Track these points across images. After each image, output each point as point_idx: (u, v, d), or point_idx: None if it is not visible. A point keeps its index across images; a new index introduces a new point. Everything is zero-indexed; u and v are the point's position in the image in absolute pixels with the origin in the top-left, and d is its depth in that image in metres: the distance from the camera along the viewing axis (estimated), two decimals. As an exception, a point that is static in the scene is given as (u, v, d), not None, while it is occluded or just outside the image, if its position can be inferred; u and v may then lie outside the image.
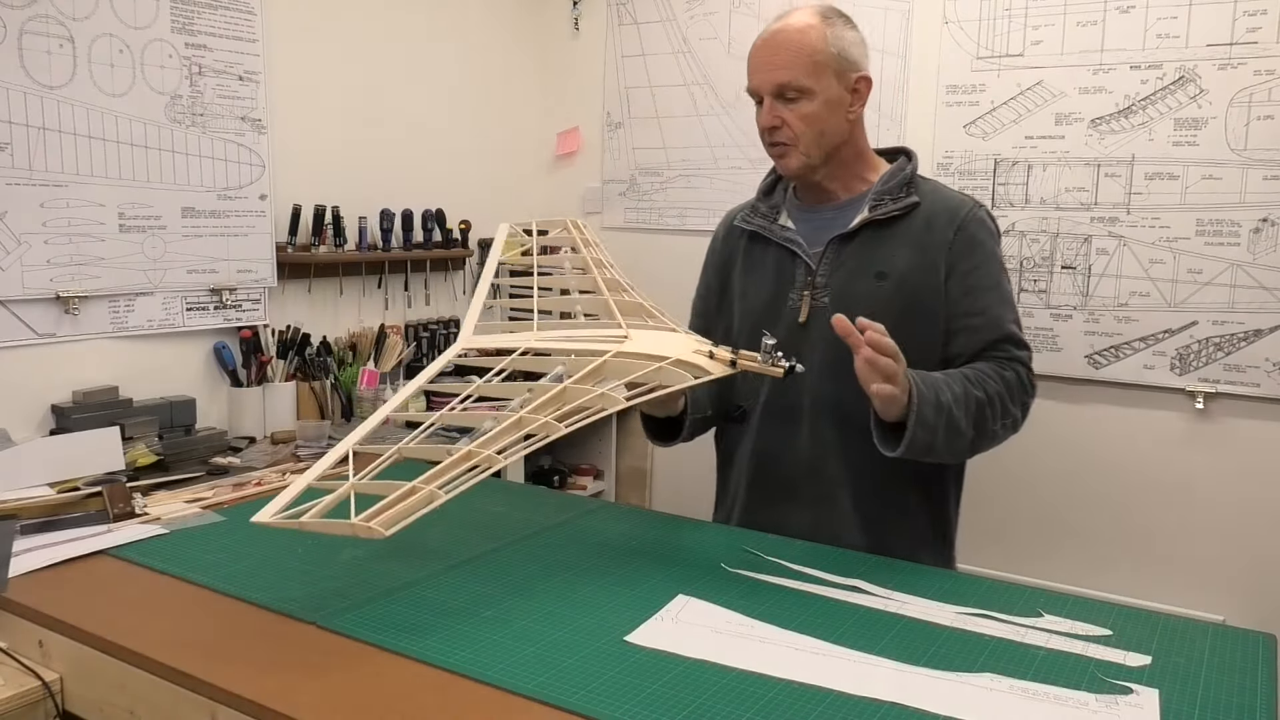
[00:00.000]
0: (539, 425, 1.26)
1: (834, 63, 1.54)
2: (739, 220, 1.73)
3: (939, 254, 1.55)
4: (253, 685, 1.06)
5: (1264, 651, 1.18)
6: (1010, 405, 1.52)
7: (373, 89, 2.86)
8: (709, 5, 3.10)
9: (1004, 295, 1.57)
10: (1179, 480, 2.54)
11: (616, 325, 1.50)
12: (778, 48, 1.55)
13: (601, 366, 1.36)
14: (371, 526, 1.09)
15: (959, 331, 1.55)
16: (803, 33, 1.54)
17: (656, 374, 1.34)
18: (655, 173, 3.32)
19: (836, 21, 1.56)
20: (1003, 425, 1.52)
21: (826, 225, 1.62)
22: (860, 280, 1.55)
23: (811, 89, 1.53)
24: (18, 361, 2.08)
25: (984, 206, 1.62)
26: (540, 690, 1.04)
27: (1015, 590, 1.36)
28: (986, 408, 1.47)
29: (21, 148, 2.05)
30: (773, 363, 1.34)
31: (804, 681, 1.06)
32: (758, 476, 1.67)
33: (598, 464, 3.38)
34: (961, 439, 1.46)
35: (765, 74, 1.56)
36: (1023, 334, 1.58)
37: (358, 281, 2.85)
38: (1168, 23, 2.45)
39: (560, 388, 1.32)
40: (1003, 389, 1.50)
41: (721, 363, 1.37)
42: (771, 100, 1.56)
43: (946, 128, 2.74)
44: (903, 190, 1.58)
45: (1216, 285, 2.44)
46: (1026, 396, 1.56)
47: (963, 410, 1.44)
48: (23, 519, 1.60)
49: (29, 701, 1.24)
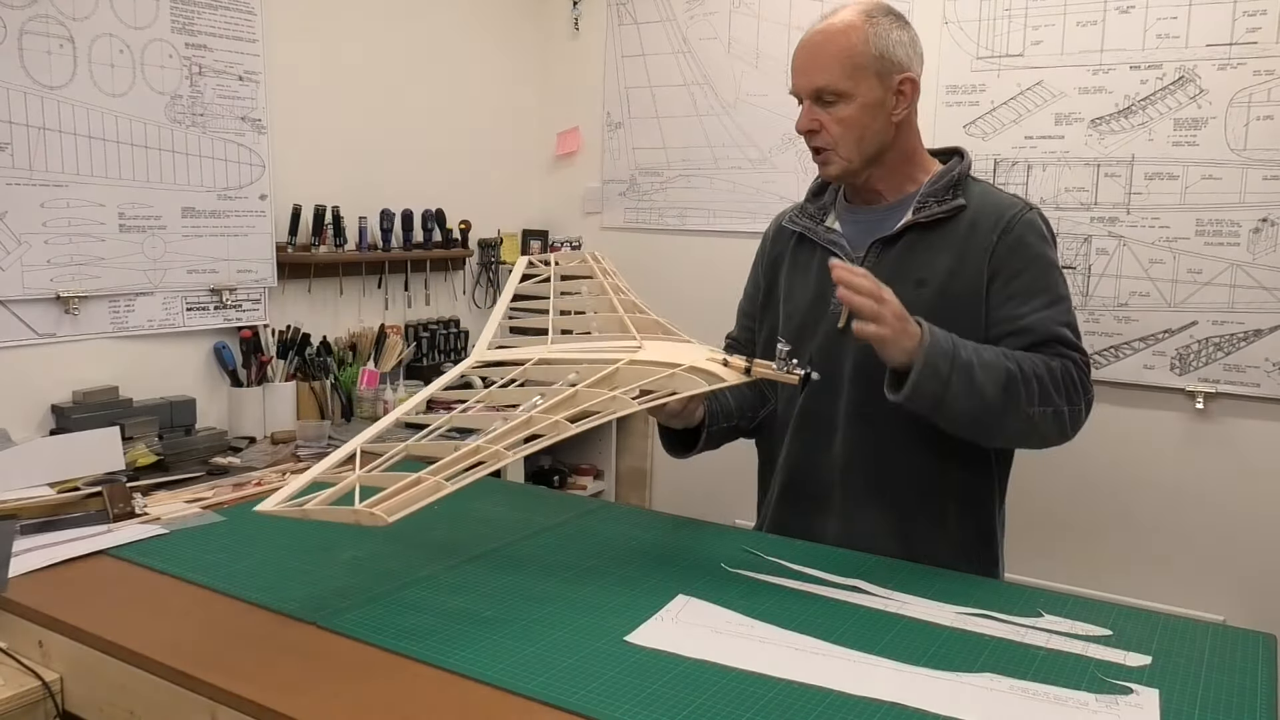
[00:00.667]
0: (548, 425, 1.26)
1: (875, 64, 1.47)
2: (787, 221, 1.70)
3: (982, 259, 1.49)
4: (253, 685, 1.06)
5: (1264, 651, 1.18)
6: (1053, 393, 1.41)
7: (373, 89, 2.86)
8: (709, 5, 3.10)
9: (1056, 299, 1.48)
10: (1179, 480, 2.54)
11: (631, 338, 1.50)
12: (817, 49, 1.49)
13: (614, 373, 1.36)
14: (375, 512, 1.09)
15: (1002, 337, 1.47)
16: (844, 33, 1.48)
17: (670, 380, 1.34)
18: (655, 173, 3.32)
19: (882, 20, 1.49)
20: (1042, 413, 1.40)
21: (872, 227, 1.57)
22: (900, 287, 1.45)
23: (849, 92, 1.47)
24: (18, 361, 2.08)
25: (1036, 209, 1.54)
26: (540, 690, 1.04)
27: (1015, 590, 1.36)
28: (1020, 383, 1.38)
29: (21, 148, 2.05)
30: (788, 370, 1.33)
31: (804, 681, 1.06)
32: (791, 482, 1.63)
33: (598, 464, 3.38)
34: (987, 408, 1.36)
35: (804, 76, 1.51)
36: (1078, 339, 1.48)
37: (358, 281, 2.85)
38: (1168, 23, 2.45)
39: (572, 391, 1.32)
40: (1044, 373, 1.41)
41: (737, 370, 1.36)
42: (810, 103, 1.51)
43: (946, 128, 2.74)
44: (949, 192, 1.52)
45: (1216, 285, 2.44)
46: (1077, 395, 1.44)
47: (988, 375, 1.35)
48: (23, 519, 1.60)
49: (29, 701, 1.24)
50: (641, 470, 3.38)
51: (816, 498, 1.58)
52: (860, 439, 1.54)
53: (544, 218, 3.55)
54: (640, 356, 1.39)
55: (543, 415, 1.27)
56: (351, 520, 1.11)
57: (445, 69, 3.11)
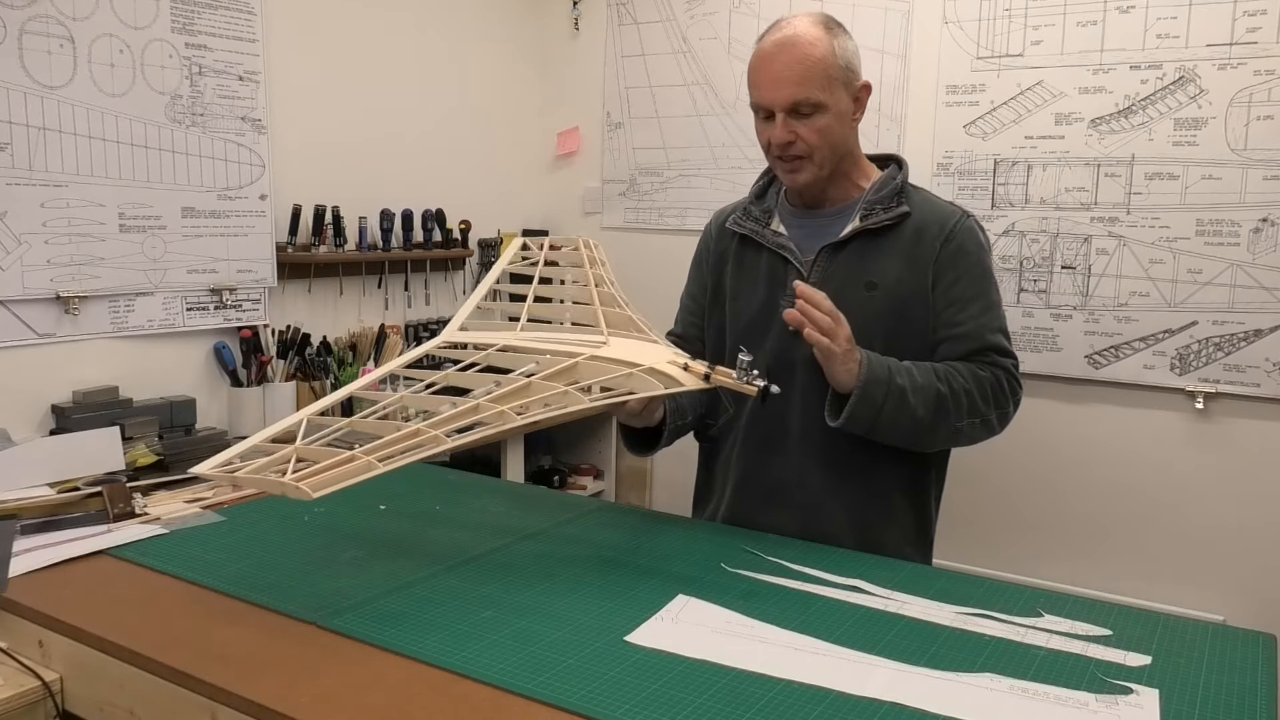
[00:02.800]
0: (493, 414, 1.26)
1: (842, 75, 1.54)
2: (730, 223, 1.72)
3: (927, 264, 1.56)
4: (253, 685, 1.06)
5: (1264, 651, 1.18)
6: (980, 404, 1.53)
7: (373, 89, 2.86)
8: (709, 5, 3.11)
9: (988, 305, 1.57)
10: (1179, 480, 2.54)
11: (598, 333, 1.50)
12: (790, 62, 1.52)
13: (573, 368, 1.36)
14: (300, 486, 1.10)
15: (943, 341, 1.57)
16: (814, 45, 1.52)
17: (627, 380, 1.34)
18: (655, 173, 3.32)
19: (838, 31, 1.56)
20: (970, 424, 1.52)
21: (819, 232, 1.62)
22: (851, 290, 1.56)
23: (826, 103, 1.52)
24: (18, 361, 2.08)
25: (973, 216, 1.62)
26: (540, 690, 1.04)
27: (1015, 590, 1.36)
28: (949, 401, 1.50)
29: (21, 148, 2.05)
30: (748, 381, 1.33)
31: (804, 681, 1.06)
32: (746, 480, 1.67)
33: (598, 464, 3.39)
34: (916, 426, 1.49)
35: (779, 90, 1.53)
36: (1009, 344, 1.59)
37: (358, 281, 2.85)
38: (1168, 23, 2.45)
39: (525, 383, 1.33)
40: (973, 387, 1.52)
41: (695, 376, 1.36)
42: (784, 116, 1.54)
43: (946, 128, 2.74)
44: (894, 200, 1.58)
45: (1216, 285, 2.44)
46: (1005, 401, 1.56)
47: (920, 398, 1.47)
48: (23, 519, 1.60)
49: (29, 701, 1.23)
50: (641, 470, 3.38)
51: (773, 494, 1.63)
52: (814, 438, 1.58)
53: (544, 218, 3.55)
54: (602, 353, 1.40)
55: (490, 404, 1.28)
56: (279, 492, 1.12)
57: (445, 69, 3.11)
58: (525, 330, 1.56)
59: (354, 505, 1.71)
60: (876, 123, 2.86)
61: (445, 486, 1.84)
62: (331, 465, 1.16)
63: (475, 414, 1.27)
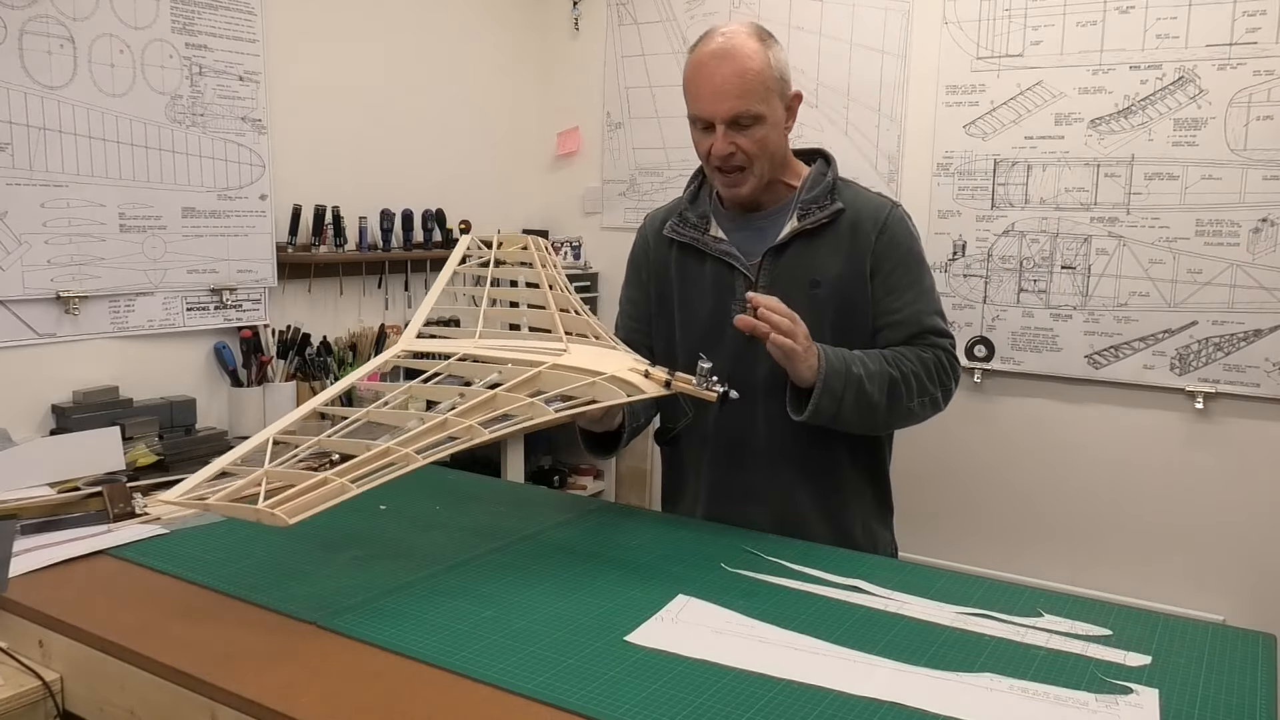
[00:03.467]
0: (463, 429, 1.26)
1: (777, 85, 1.57)
2: (668, 230, 1.73)
3: (865, 256, 1.61)
4: (253, 685, 1.06)
5: (1264, 651, 1.18)
6: (928, 384, 1.59)
7: (373, 89, 2.86)
8: (709, 5, 3.10)
9: (924, 291, 1.64)
10: (1179, 480, 2.54)
11: (558, 339, 1.50)
12: (731, 75, 1.54)
13: (536, 377, 1.36)
14: (275, 513, 1.09)
15: (883, 328, 1.63)
16: (751, 59, 1.54)
17: (590, 389, 1.35)
18: (655, 173, 3.32)
19: (771, 42, 1.59)
20: (920, 403, 1.59)
21: (758, 235, 1.65)
22: (797, 290, 1.59)
23: (764, 115, 1.56)
24: (18, 361, 2.08)
25: (900, 206, 1.67)
26: (540, 690, 1.04)
27: (1015, 590, 1.36)
28: (901, 384, 1.56)
29: (21, 148, 2.05)
30: (708, 387, 1.35)
31: (804, 681, 1.06)
32: (718, 483, 1.71)
33: (598, 464, 3.39)
34: (873, 411, 1.54)
35: (720, 102, 1.55)
36: (945, 324, 1.65)
37: (358, 281, 2.85)
38: (1167, 23, 2.45)
39: (491, 394, 1.32)
40: (920, 369, 1.58)
41: (656, 383, 1.37)
42: (725, 128, 1.56)
43: (946, 128, 2.74)
44: (827, 197, 1.62)
45: (1216, 285, 2.44)
46: (947, 378, 1.63)
47: (875, 385, 1.53)
48: (23, 519, 1.60)
49: (29, 701, 1.23)
50: (641, 470, 3.38)
51: (748, 495, 1.67)
52: (780, 436, 1.63)
53: (544, 217, 3.55)
54: (564, 361, 1.40)
55: (458, 419, 1.27)
56: (253, 519, 1.11)
57: (445, 69, 3.11)
58: (483, 337, 1.55)
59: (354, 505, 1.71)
60: (876, 123, 2.86)
61: (445, 487, 1.84)
62: (306, 489, 1.15)
63: (444, 429, 1.26)
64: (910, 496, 1.97)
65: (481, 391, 1.34)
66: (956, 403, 1.65)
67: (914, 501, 2.00)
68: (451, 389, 1.39)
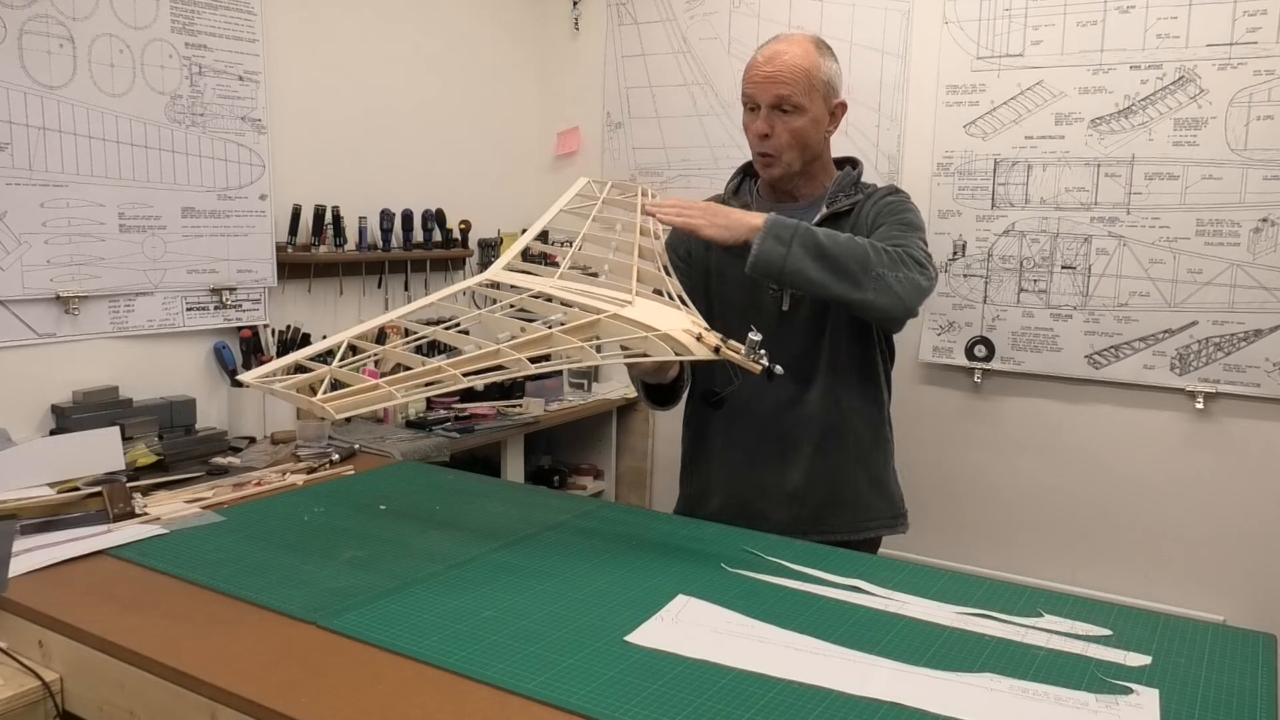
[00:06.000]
0: (513, 360, 1.34)
1: (823, 88, 1.78)
2: None
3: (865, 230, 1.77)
4: (253, 685, 1.06)
5: (1264, 651, 1.18)
6: (901, 265, 1.63)
7: (373, 89, 2.86)
8: (709, 5, 3.10)
9: (908, 226, 1.75)
10: (1179, 480, 2.54)
11: (626, 290, 1.54)
12: (782, 65, 1.75)
13: (594, 324, 1.41)
14: (325, 405, 1.20)
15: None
16: (805, 57, 1.76)
17: (642, 343, 1.38)
18: (655, 173, 3.31)
19: (827, 53, 1.81)
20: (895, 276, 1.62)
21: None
22: None
23: (805, 106, 1.76)
24: (18, 361, 2.08)
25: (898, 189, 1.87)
26: (540, 690, 1.04)
27: (1015, 590, 1.36)
28: (867, 248, 1.62)
29: (21, 148, 2.05)
30: (755, 359, 1.36)
31: (804, 681, 1.06)
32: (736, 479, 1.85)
33: (598, 464, 3.38)
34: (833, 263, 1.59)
35: (768, 86, 1.76)
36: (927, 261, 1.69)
37: (358, 281, 2.85)
38: (1168, 23, 2.44)
39: (547, 333, 1.38)
40: (889, 249, 1.64)
41: (707, 347, 1.39)
42: (768, 110, 1.76)
43: (946, 128, 2.74)
44: (852, 189, 1.85)
45: (1216, 285, 2.44)
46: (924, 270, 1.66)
47: (832, 240, 1.61)
48: (23, 519, 1.60)
49: (29, 701, 1.24)
50: (641, 470, 3.38)
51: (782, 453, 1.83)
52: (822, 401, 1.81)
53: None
54: (626, 313, 1.44)
55: (510, 351, 1.35)
56: (305, 406, 1.23)
57: (445, 69, 3.11)
58: (564, 278, 1.62)
59: (354, 505, 1.72)
60: (877, 123, 2.86)
61: (445, 487, 1.84)
62: (356, 391, 1.25)
63: (495, 358, 1.35)
64: (910, 496, 1.98)
65: (540, 329, 1.40)
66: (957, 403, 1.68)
67: (914, 501, 2.00)
68: (515, 323, 1.45)
